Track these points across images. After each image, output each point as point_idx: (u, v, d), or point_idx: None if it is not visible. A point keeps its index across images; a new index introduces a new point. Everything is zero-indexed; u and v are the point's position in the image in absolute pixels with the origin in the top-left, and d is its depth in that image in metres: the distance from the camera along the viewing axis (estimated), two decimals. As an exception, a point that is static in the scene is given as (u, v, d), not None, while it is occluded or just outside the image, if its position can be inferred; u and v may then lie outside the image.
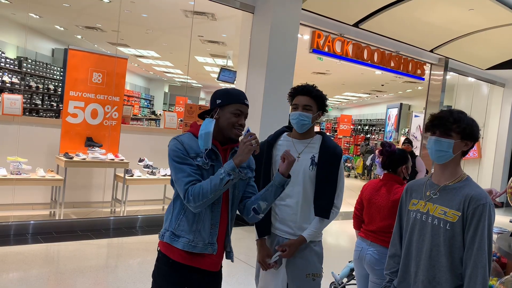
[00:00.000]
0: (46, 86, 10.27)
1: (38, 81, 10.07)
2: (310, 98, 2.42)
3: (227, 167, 1.97)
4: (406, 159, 3.05)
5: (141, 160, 6.61)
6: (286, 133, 2.59)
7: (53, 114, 10.33)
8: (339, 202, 2.48)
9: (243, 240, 5.87)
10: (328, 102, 2.52)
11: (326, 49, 7.74)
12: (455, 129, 1.88)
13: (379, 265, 2.94)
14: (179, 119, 8.31)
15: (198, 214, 2.04)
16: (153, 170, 6.50)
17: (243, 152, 1.99)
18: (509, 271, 2.38)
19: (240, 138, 2.10)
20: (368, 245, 3.03)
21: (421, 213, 1.96)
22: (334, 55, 7.89)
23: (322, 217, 2.42)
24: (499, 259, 2.54)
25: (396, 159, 3.04)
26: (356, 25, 7.81)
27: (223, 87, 2.27)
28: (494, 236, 2.80)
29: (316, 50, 7.59)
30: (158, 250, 2.16)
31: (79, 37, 11.77)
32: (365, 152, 15.22)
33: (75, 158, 5.78)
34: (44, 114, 10.07)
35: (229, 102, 2.09)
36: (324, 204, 2.41)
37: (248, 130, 2.09)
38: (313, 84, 2.48)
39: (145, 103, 21.16)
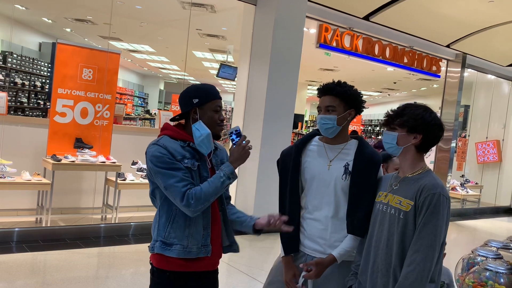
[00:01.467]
0: (32, 83, 10.29)
1: (24, 77, 10.10)
2: (333, 97, 2.27)
3: (227, 171, 2.06)
4: (387, 157, 3.28)
5: (134, 163, 6.62)
6: (317, 136, 2.43)
7: (40, 113, 10.35)
8: None
9: (244, 249, 5.87)
10: (362, 99, 2.35)
11: (334, 44, 7.74)
12: (398, 122, 2.08)
13: None
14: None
15: (189, 218, 2.08)
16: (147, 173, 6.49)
17: (241, 157, 2.11)
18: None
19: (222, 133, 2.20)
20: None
21: (383, 204, 2.12)
22: (342, 50, 7.89)
23: (355, 235, 2.23)
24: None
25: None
26: (366, 18, 7.82)
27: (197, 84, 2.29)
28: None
29: (323, 45, 7.59)
30: (151, 264, 2.18)
31: (68, 30, 11.80)
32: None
33: (64, 161, 5.78)
34: (30, 113, 10.09)
35: (208, 100, 2.13)
36: (358, 220, 2.21)
37: (238, 130, 2.14)
38: (340, 81, 2.32)
39: (139, 102, 21.20)
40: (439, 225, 1.94)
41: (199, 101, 2.12)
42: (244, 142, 2.11)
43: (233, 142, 2.13)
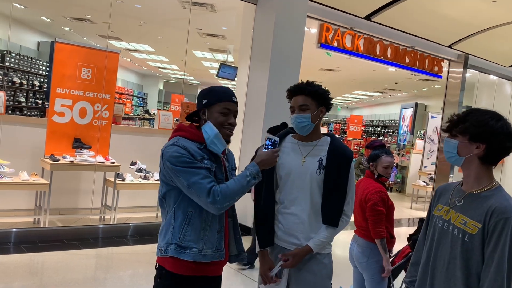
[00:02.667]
0: (30, 82, 10.29)
1: (22, 76, 10.10)
2: (306, 96, 2.38)
3: (253, 170, 2.12)
4: (375, 157, 3.48)
5: (133, 163, 6.62)
6: (291, 134, 2.54)
7: (38, 113, 10.35)
8: (349, 209, 2.42)
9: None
10: (330, 96, 2.47)
11: (335, 44, 7.74)
12: (459, 129, 1.89)
13: (362, 258, 3.37)
14: (175, 119, 8.32)
15: (205, 220, 2.11)
16: (146, 174, 6.50)
17: (269, 161, 2.16)
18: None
19: (264, 148, 2.22)
20: (355, 240, 3.49)
21: (443, 220, 1.95)
22: (343, 50, 7.89)
23: (330, 226, 2.36)
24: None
25: (369, 156, 3.53)
26: (368, 17, 7.82)
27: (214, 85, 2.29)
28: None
29: (324, 44, 7.59)
30: (158, 267, 2.17)
31: (67, 29, 11.80)
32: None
33: (62, 161, 5.78)
34: (28, 113, 10.09)
35: (215, 102, 2.16)
36: (333, 212, 2.36)
37: (271, 139, 2.22)
38: (309, 81, 2.44)
39: (138, 101, 21.21)
40: None
41: (207, 102, 2.16)
42: (277, 150, 2.19)
43: (266, 146, 2.20)
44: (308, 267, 2.38)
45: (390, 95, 20.40)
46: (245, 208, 6.72)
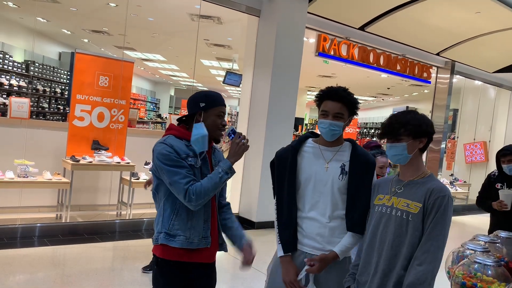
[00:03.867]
0: (53, 89, 10.33)
1: (45, 84, 10.14)
2: (342, 105, 2.18)
3: (224, 166, 2.11)
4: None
5: (147, 163, 6.62)
6: (311, 138, 2.36)
7: (60, 117, 10.38)
8: None
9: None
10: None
11: (332, 53, 7.74)
12: (403, 132, 2.00)
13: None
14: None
15: (192, 211, 2.12)
16: (159, 173, 6.49)
17: (236, 152, 2.15)
18: (518, 276, 2.36)
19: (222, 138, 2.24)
20: None
21: (386, 207, 2.05)
22: (340, 59, 7.88)
23: (355, 233, 2.19)
24: (507, 264, 2.52)
25: None
26: (362, 28, 7.81)
27: (206, 90, 2.31)
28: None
29: (322, 53, 7.59)
30: (154, 256, 2.20)
31: (86, 40, 11.84)
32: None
33: (82, 161, 5.80)
34: (51, 117, 10.12)
35: (213, 105, 2.17)
36: (357, 218, 2.18)
37: (232, 129, 2.17)
38: (345, 87, 2.23)
39: (151, 106, 21.20)
40: (447, 227, 1.92)
41: (206, 105, 2.16)
42: (239, 138, 2.15)
43: (230, 139, 2.18)
44: (333, 272, 2.23)
45: (383, 99, 20.35)
46: (250, 204, 6.73)
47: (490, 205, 3.95)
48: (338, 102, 2.18)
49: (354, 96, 2.24)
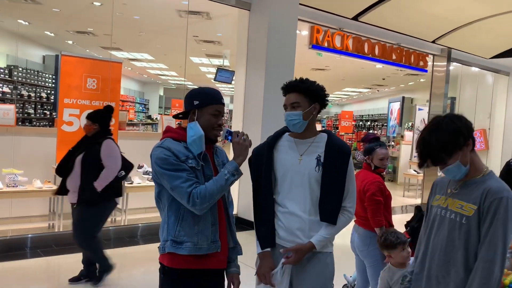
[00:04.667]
0: (38, 94, 10.22)
1: (30, 89, 10.03)
2: (298, 94, 2.25)
3: (230, 168, 2.06)
4: (370, 150, 3.46)
5: (140, 167, 6.57)
6: (287, 133, 2.39)
7: (47, 123, 10.28)
8: (351, 205, 2.26)
9: (250, 244, 5.80)
10: (325, 92, 2.32)
11: (326, 44, 7.71)
12: (447, 157, 1.86)
13: (362, 246, 3.36)
14: (177, 123, 8.27)
15: (198, 215, 2.06)
16: (153, 176, 6.45)
17: (240, 152, 2.09)
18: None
19: (219, 138, 2.18)
20: (356, 230, 3.48)
21: (441, 208, 1.96)
22: (334, 50, 7.87)
23: (328, 223, 2.21)
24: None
25: (365, 149, 3.52)
26: (355, 18, 7.79)
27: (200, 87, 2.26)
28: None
29: (315, 45, 7.56)
30: (161, 264, 2.14)
31: (70, 42, 11.73)
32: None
33: (72, 168, 5.71)
34: (38, 123, 10.02)
35: (208, 103, 2.12)
36: (331, 208, 2.20)
37: (228, 131, 2.14)
38: (302, 78, 2.31)
39: (140, 108, 21.12)
40: (509, 231, 1.77)
41: (199, 103, 2.11)
42: (238, 137, 2.10)
43: (229, 141, 2.14)
44: (311, 267, 2.25)
45: (378, 91, 20.40)
46: (248, 204, 6.69)
47: None
48: (292, 92, 2.28)
49: (318, 84, 2.30)
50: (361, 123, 22.48)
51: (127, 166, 4.41)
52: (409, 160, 11.70)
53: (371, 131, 19.93)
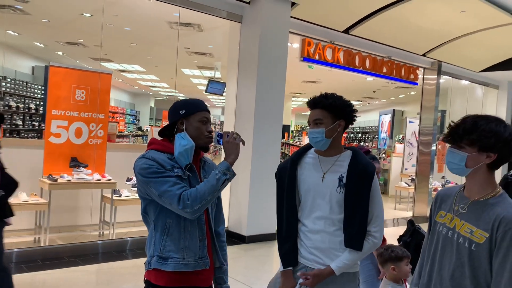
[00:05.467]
0: (26, 105, 10.11)
1: (18, 100, 9.91)
2: (321, 110, 2.17)
3: (221, 167, 2.00)
4: None
5: (129, 179, 6.48)
6: (313, 148, 2.30)
7: (35, 135, 10.15)
8: (378, 230, 2.15)
9: (240, 259, 5.74)
10: (352, 108, 2.22)
11: (317, 57, 7.72)
12: (467, 141, 1.72)
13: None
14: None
15: (184, 229, 2.00)
16: (142, 189, 6.36)
17: (231, 150, 2.05)
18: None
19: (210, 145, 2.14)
20: None
21: (447, 228, 1.82)
22: (325, 63, 7.87)
23: (353, 249, 2.11)
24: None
25: None
26: (346, 31, 7.82)
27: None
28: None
29: (307, 58, 7.57)
30: (146, 282, 2.07)
31: (60, 53, 11.65)
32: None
33: (60, 180, 5.63)
34: (26, 135, 9.89)
35: (194, 111, 2.08)
36: (355, 233, 2.10)
37: (218, 134, 2.11)
38: (327, 93, 2.21)
39: (131, 119, 21.01)
40: None
41: (186, 112, 2.08)
42: (228, 136, 2.07)
43: (219, 142, 2.11)
44: (331, 285, 2.15)
45: (368, 103, 20.51)
46: (239, 218, 6.62)
47: None
48: (316, 108, 2.20)
49: (343, 100, 2.21)
50: (352, 135, 22.55)
51: (8, 184, 3.80)
52: (400, 173, 11.70)
53: (362, 143, 19.98)
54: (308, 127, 2.23)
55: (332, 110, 2.17)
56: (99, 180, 5.94)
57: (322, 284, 2.13)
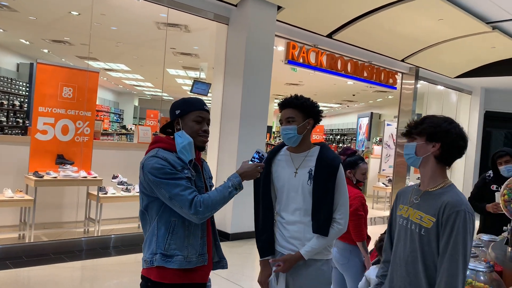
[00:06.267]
0: (11, 102, 9.87)
1: (3, 97, 9.67)
2: (292, 109, 2.32)
3: (235, 181, 2.03)
4: (353, 164, 3.38)
5: (114, 177, 6.39)
6: (285, 147, 2.47)
7: (19, 131, 9.92)
8: (342, 217, 2.29)
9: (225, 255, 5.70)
10: (319, 109, 2.40)
11: (301, 60, 7.74)
12: (416, 131, 1.94)
13: (343, 259, 3.28)
14: (153, 133, 8.13)
15: (188, 228, 2.01)
16: (128, 186, 6.28)
17: (252, 173, 2.08)
18: (505, 280, 2.35)
19: (250, 161, 2.14)
20: (334, 243, 3.29)
21: (403, 219, 1.97)
22: (308, 66, 7.90)
23: (320, 234, 2.26)
24: (493, 267, 2.51)
25: (345, 163, 3.34)
26: (329, 35, 7.87)
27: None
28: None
29: (291, 61, 7.58)
30: (143, 279, 2.04)
31: (46, 51, 11.42)
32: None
33: (46, 177, 5.51)
34: (10, 132, 9.65)
35: (189, 110, 2.08)
36: (321, 220, 2.25)
37: (260, 153, 2.13)
38: (297, 95, 2.37)
39: (115, 118, 20.75)
40: (469, 245, 1.77)
41: (180, 112, 2.08)
42: (260, 164, 2.11)
43: (252, 159, 2.13)
44: (306, 273, 2.29)
45: (348, 106, 20.68)
46: (224, 215, 6.59)
47: (483, 207, 3.88)
48: (288, 108, 2.34)
49: (311, 101, 2.37)
50: (331, 137, 22.72)
51: None
52: (378, 173, 11.83)
53: (340, 145, 20.15)
54: (280, 126, 2.37)
55: (302, 109, 2.33)
56: (85, 177, 5.83)
57: (295, 270, 2.27)
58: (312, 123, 2.36)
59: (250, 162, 2.10)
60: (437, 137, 1.89)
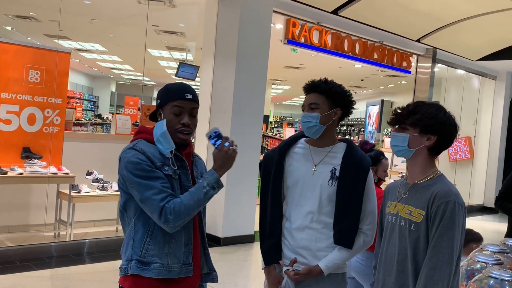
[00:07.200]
0: (-31, 87, 9.81)
1: (-41, 81, 9.61)
2: (318, 95, 2.22)
3: (211, 179, 1.95)
4: (375, 160, 3.31)
5: (89, 173, 6.38)
6: (304, 138, 2.35)
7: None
8: (370, 228, 2.20)
9: (215, 263, 5.70)
10: (351, 99, 2.30)
11: (303, 40, 7.73)
12: (410, 121, 1.97)
13: (365, 270, 3.12)
14: (132, 123, 8.10)
15: (170, 233, 1.96)
16: (104, 184, 6.29)
17: (225, 163, 1.99)
18: None
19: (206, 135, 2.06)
20: None
21: (392, 215, 2.03)
22: (311, 47, 7.90)
23: (343, 246, 2.16)
24: None
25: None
26: (335, 12, 7.85)
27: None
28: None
29: (291, 41, 7.57)
30: None
31: (9, 28, 11.37)
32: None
33: (10, 173, 5.52)
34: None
35: (167, 101, 2.03)
36: (346, 230, 2.14)
37: (217, 132, 2.02)
38: (326, 79, 2.28)
39: (89, 105, 20.73)
40: (456, 237, 1.84)
41: (160, 102, 2.06)
42: (227, 144, 1.99)
43: (215, 145, 2.02)
44: (319, 284, 2.20)
45: (355, 93, 20.71)
46: (214, 218, 6.61)
47: None
48: (313, 92, 2.25)
49: (343, 88, 2.28)
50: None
51: None
52: (389, 169, 11.88)
53: (347, 137, 20.21)
54: (302, 112, 2.27)
55: (330, 96, 2.23)
56: (55, 173, 5.84)
57: (307, 285, 2.19)
58: (339, 113, 2.25)
59: (216, 150, 2.01)
60: (433, 130, 1.95)
